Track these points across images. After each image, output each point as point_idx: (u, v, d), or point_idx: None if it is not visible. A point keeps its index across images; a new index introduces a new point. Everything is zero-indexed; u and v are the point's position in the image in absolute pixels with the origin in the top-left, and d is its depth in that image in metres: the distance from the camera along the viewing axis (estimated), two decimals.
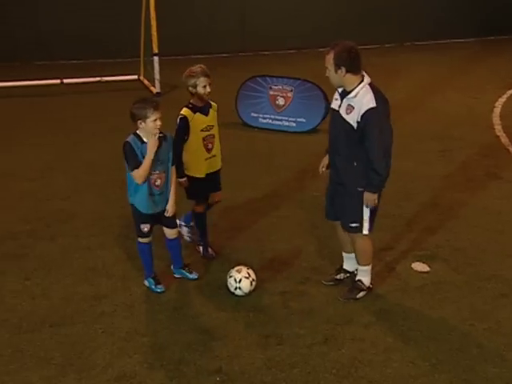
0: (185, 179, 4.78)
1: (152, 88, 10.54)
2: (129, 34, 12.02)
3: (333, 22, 14.35)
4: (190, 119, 4.71)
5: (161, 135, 4.33)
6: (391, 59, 13.83)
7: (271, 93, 8.84)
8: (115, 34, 12.98)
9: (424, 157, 7.56)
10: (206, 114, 4.82)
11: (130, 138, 4.34)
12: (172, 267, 4.83)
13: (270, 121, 8.81)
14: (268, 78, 8.93)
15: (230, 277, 4.55)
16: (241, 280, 4.50)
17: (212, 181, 5.03)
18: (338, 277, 4.74)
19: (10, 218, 5.87)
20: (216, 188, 5.10)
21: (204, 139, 4.82)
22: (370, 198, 4.23)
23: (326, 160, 4.55)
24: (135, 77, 11.18)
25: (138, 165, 4.26)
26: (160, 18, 10.40)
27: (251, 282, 4.53)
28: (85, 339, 4.04)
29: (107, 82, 10.65)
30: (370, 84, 4.15)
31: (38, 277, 4.81)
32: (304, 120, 8.56)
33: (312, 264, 4.99)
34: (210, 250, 5.13)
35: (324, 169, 4.58)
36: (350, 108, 4.14)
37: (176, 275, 4.81)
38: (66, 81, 10.53)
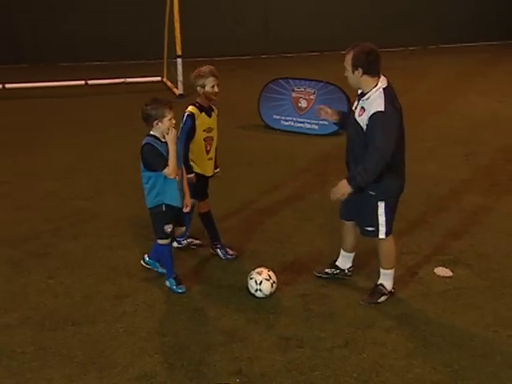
0: (193, 175, 4.83)
1: (175, 89, 10.60)
2: (152, 36, 12.14)
3: (356, 25, 14.32)
4: (196, 117, 4.77)
5: None
6: (415, 62, 13.74)
7: (294, 95, 8.83)
8: (139, 35, 13.10)
9: (448, 160, 7.48)
10: (209, 116, 4.90)
11: (150, 140, 4.36)
12: (147, 256, 4.86)
13: (292, 123, 8.81)
14: (291, 81, 8.93)
15: (251, 279, 4.54)
16: (261, 282, 4.50)
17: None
18: (327, 270, 4.77)
19: (34, 217, 5.95)
20: None
21: (204, 140, 4.88)
22: (343, 188, 4.15)
23: (334, 110, 4.50)
24: (158, 78, 11.27)
25: (166, 162, 4.29)
26: (183, 19, 10.47)
27: (272, 284, 4.52)
28: (106, 338, 4.07)
29: (131, 83, 10.75)
30: (386, 88, 4.12)
31: (61, 275, 4.86)
32: (326, 123, 8.49)
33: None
34: (228, 250, 5.13)
35: (323, 110, 4.49)
36: (362, 110, 4.15)
37: (148, 266, 4.84)
38: (90, 82, 10.64)
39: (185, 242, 5.25)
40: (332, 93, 8.53)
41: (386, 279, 4.49)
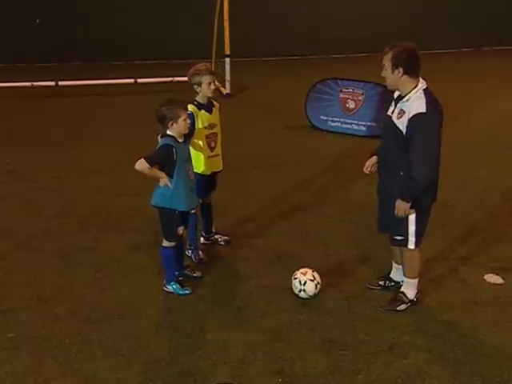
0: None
1: (222, 89, 10.65)
2: (201, 36, 12.24)
3: (407, 25, 14.08)
4: (195, 115, 4.75)
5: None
6: (468, 64, 13.42)
7: (342, 96, 8.76)
8: (188, 35, 13.26)
9: (500, 166, 7.25)
10: (210, 112, 4.88)
11: (170, 141, 4.31)
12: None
13: (340, 124, 8.73)
14: (339, 81, 8.86)
15: (295, 279, 4.52)
16: (306, 282, 4.47)
17: (213, 181, 5.09)
18: (381, 283, 4.66)
19: (82, 212, 6.08)
20: (214, 188, 5.17)
21: (207, 137, 4.86)
22: (400, 206, 4.05)
23: (373, 160, 4.40)
24: None
25: (166, 169, 4.30)
26: (232, 20, 10.53)
27: (316, 285, 4.49)
28: (151, 333, 4.12)
29: (179, 82, 10.86)
30: (425, 90, 4.02)
31: (108, 269, 4.94)
32: (375, 124, 8.40)
33: (379, 269, 4.88)
34: (201, 253, 5.07)
35: (370, 169, 4.41)
36: (402, 112, 4.03)
37: (180, 278, 4.64)
38: (139, 80, 10.82)
39: (213, 238, 5.30)
40: (381, 94, 8.40)
41: (409, 288, 4.36)
